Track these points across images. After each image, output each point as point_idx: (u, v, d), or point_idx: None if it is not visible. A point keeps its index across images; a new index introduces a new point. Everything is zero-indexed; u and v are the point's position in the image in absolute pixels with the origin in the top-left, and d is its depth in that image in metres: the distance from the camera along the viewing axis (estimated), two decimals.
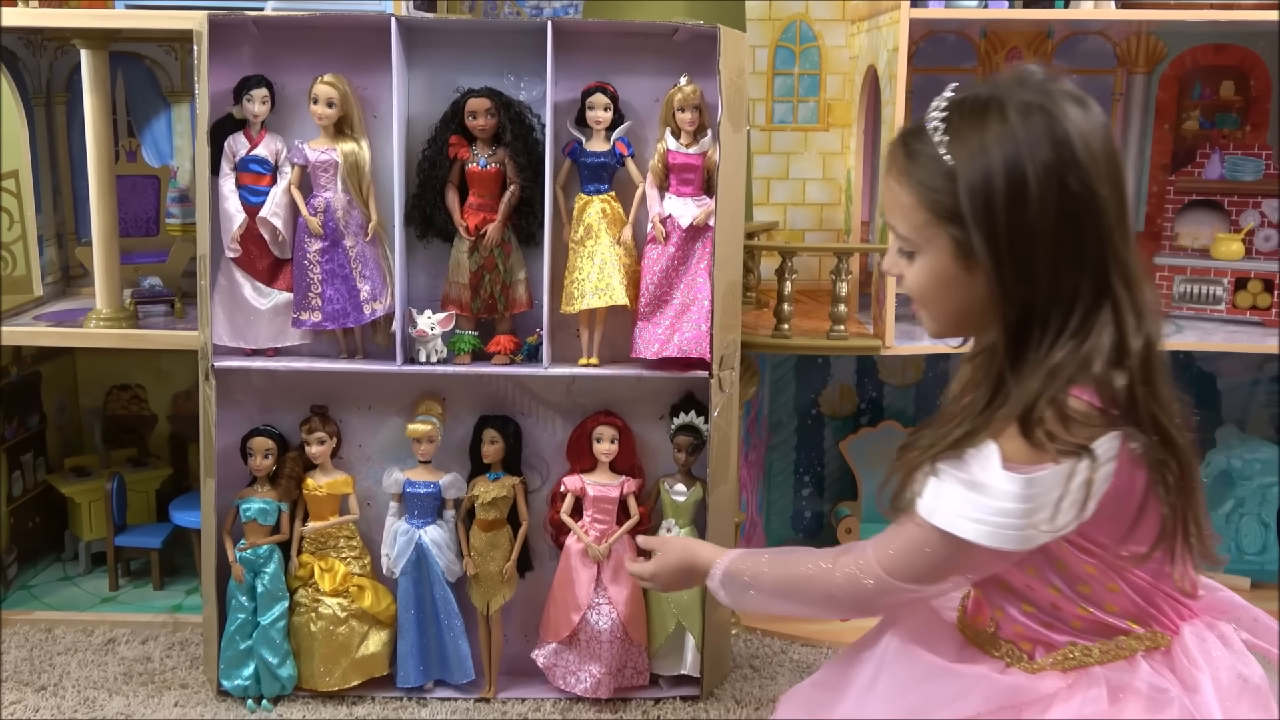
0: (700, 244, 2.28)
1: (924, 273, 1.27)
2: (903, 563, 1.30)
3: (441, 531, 2.31)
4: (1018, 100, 1.20)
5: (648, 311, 2.28)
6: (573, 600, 2.11)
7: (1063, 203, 1.19)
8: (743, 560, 1.48)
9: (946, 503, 1.24)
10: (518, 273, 2.32)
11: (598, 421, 2.13)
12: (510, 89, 2.30)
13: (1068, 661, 1.33)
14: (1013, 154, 1.18)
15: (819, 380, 3.03)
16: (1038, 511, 1.20)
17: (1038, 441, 1.19)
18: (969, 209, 1.19)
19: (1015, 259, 1.20)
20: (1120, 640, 1.32)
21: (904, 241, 1.28)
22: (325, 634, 2.31)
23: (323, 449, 2.32)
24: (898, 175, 1.27)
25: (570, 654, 2.14)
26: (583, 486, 2.09)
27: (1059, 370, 1.21)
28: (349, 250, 2.29)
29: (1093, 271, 1.22)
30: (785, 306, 2.54)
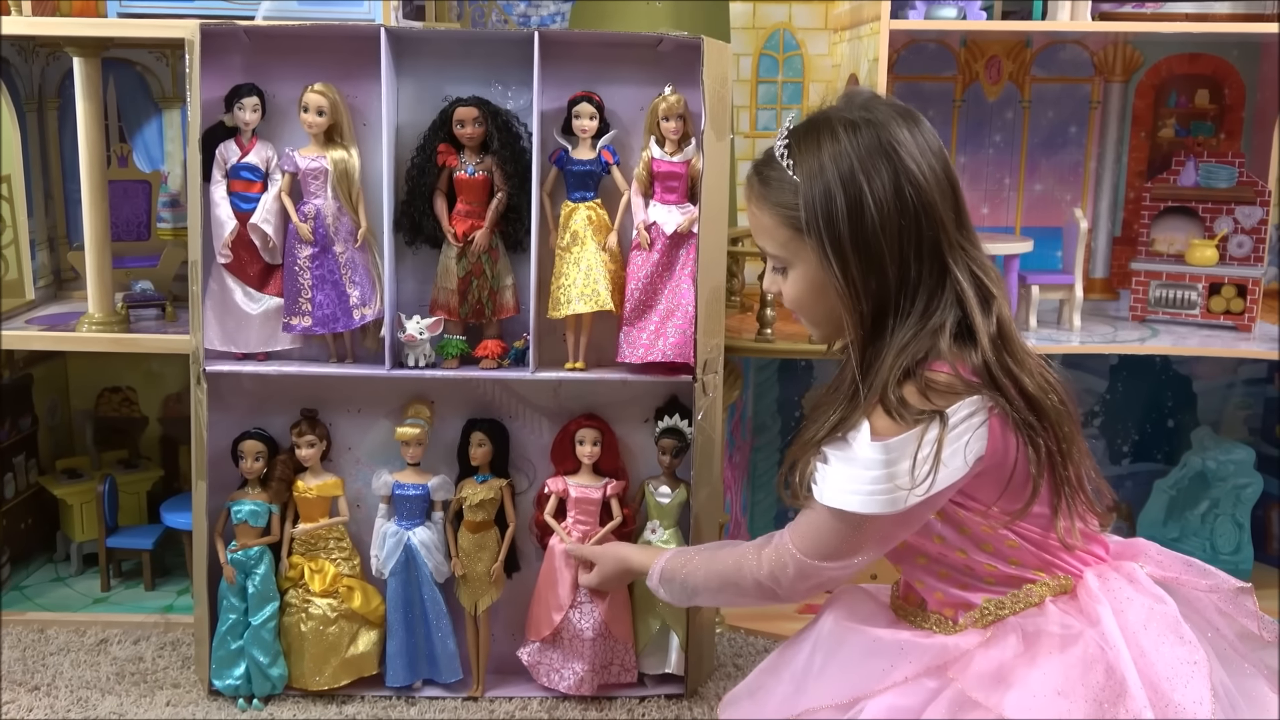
0: (684, 250, 2.31)
1: (798, 284, 1.43)
2: (813, 543, 1.44)
3: (430, 533, 2.34)
4: (847, 118, 1.38)
5: (633, 317, 2.31)
6: (555, 599, 2.14)
7: (896, 204, 1.34)
8: (676, 559, 1.67)
9: (831, 481, 1.39)
10: (505, 278, 2.35)
11: (580, 424, 2.16)
12: (498, 98, 2.34)
13: (984, 617, 1.45)
14: (846, 167, 1.35)
15: (802, 382, 3.07)
16: (898, 475, 1.34)
17: (894, 410, 1.35)
18: (809, 220, 1.36)
19: (859, 259, 1.35)
20: (1028, 589, 1.44)
21: (775, 260, 1.45)
22: (315, 634, 2.33)
23: (313, 452, 2.35)
24: (757, 201, 1.44)
25: (554, 652, 2.18)
26: (566, 488, 2.13)
27: (906, 346, 1.37)
28: (339, 256, 2.32)
29: (929, 260, 1.37)
30: (768, 311, 2.58)
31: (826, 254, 1.36)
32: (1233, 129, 2.97)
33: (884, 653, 1.44)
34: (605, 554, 1.85)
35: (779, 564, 1.48)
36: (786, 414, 3.09)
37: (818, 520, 1.44)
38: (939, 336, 1.38)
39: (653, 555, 1.71)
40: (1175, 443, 3.08)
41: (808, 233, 1.37)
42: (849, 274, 1.37)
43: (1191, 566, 1.50)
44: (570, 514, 2.12)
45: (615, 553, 1.85)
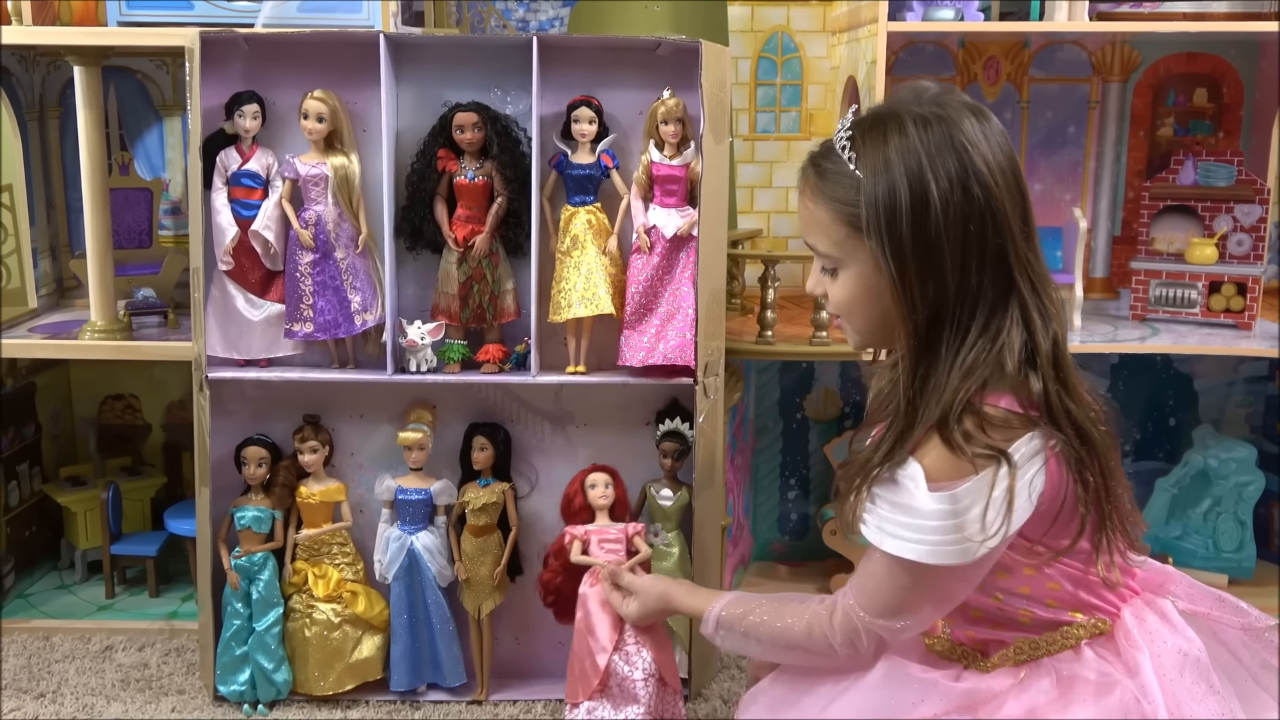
0: (684, 253, 2.31)
1: (848, 286, 1.34)
2: (878, 598, 1.34)
3: (433, 537, 2.34)
4: (916, 114, 1.28)
5: (633, 320, 2.31)
6: (596, 642, 1.92)
7: (964, 206, 1.25)
8: (735, 608, 1.52)
9: (887, 527, 1.29)
10: (505, 283, 2.36)
11: (586, 473, 2.07)
12: (497, 103, 2.34)
13: (1018, 656, 1.39)
14: (914, 164, 1.26)
15: (803, 384, 3.07)
16: (968, 525, 1.25)
17: (955, 445, 1.25)
18: (870, 218, 1.26)
19: (919, 263, 1.26)
20: (1065, 630, 1.38)
21: (825, 259, 1.35)
22: (319, 639, 2.33)
23: (315, 457, 2.35)
24: (812, 195, 1.34)
25: (603, 707, 1.94)
26: (586, 532, 1.99)
27: (973, 370, 1.27)
28: (340, 262, 2.33)
29: (994, 270, 1.28)
30: (768, 314, 2.58)
31: (885, 255, 1.26)
32: (1231, 127, 2.97)
33: (914, 686, 1.37)
34: (648, 587, 1.70)
35: (851, 630, 1.37)
36: (788, 416, 3.09)
37: (877, 572, 1.34)
38: (1006, 359, 1.27)
39: (704, 599, 1.57)
40: (1177, 441, 3.08)
41: (867, 232, 1.27)
42: (907, 278, 1.27)
43: (1224, 603, 1.45)
44: (598, 554, 1.99)
45: (659, 588, 1.69)
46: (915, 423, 1.27)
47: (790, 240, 3.14)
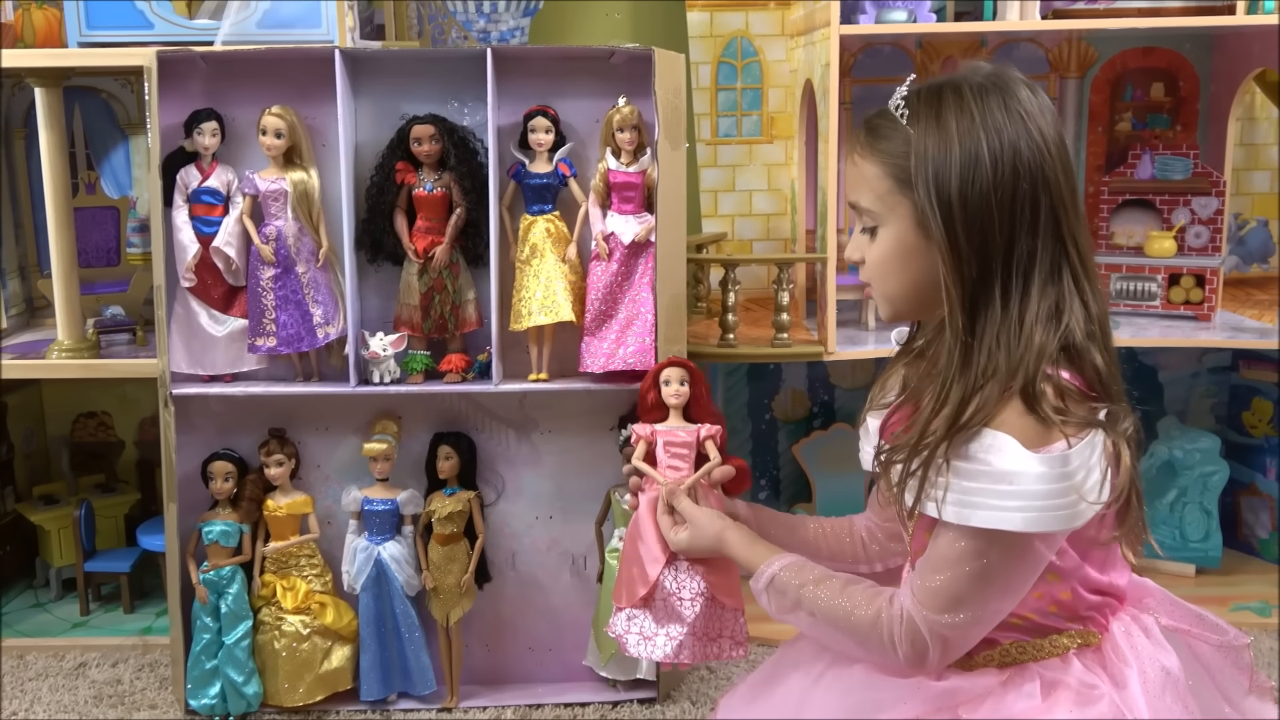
0: (643, 259, 2.33)
1: (887, 245, 1.31)
2: (947, 590, 1.26)
3: (400, 547, 2.35)
4: (973, 82, 1.28)
5: (594, 326, 2.32)
6: (649, 552, 1.68)
7: (1014, 165, 1.23)
8: (794, 572, 1.40)
9: (976, 499, 1.21)
10: (467, 293, 2.37)
11: (662, 367, 1.76)
12: (454, 115, 2.36)
13: (1004, 658, 1.35)
14: (968, 121, 1.25)
15: (771, 386, 3.09)
16: (1075, 488, 1.20)
17: (1046, 418, 1.20)
18: (918, 167, 1.25)
19: (965, 217, 1.23)
20: (1054, 639, 1.34)
21: (867, 215, 1.32)
22: (289, 651, 2.34)
23: (282, 470, 2.36)
24: (862, 149, 1.32)
25: (644, 618, 1.69)
26: (653, 433, 1.69)
27: (1045, 336, 1.22)
28: (301, 276, 2.34)
29: (1048, 236, 1.24)
30: (730, 316, 2.59)
31: (932, 205, 1.24)
32: (1188, 120, 3.00)
33: (893, 685, 1.32)
34: (706, 522, 1.49)
35: (916, 636, 1.28)
36: (757, 417, 3.12)
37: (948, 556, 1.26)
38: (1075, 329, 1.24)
39: (762, 552, 1.43)
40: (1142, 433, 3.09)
41: (915, 184, 1.25)
42: (953, 232, 1.23)
43: (1203, 620, 1.41)
44: (662, 461, 1.68)
45: (717, 526, 1.49)
46: (978, 384, 1.22)
47: (755, 243, 3.16)
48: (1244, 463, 3.04)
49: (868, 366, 3.09)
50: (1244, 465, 3.04)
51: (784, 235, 3.15)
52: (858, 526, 1.56)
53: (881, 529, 1.54)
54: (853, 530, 1.56)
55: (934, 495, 1.24)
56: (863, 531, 1.55)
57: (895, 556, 1.54)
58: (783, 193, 3.15)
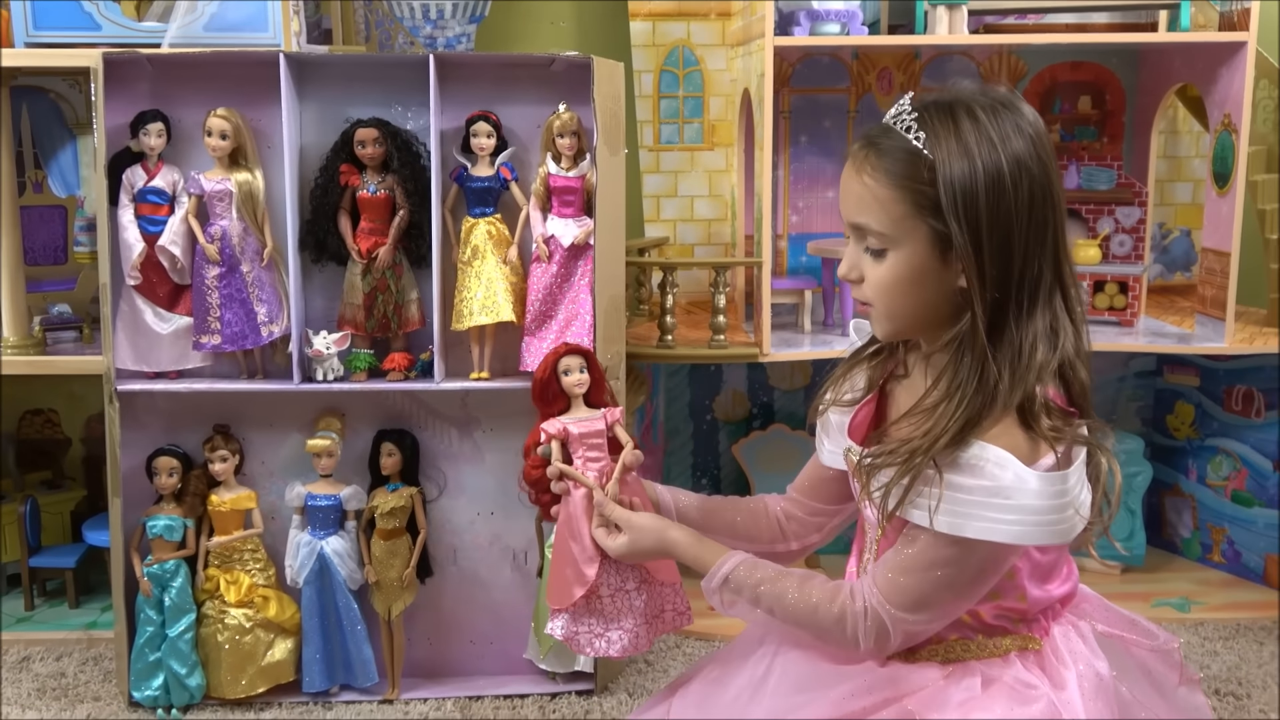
0: (582, 262, 2.37)
1: (898, 268, 1.28)
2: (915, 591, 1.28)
3: (343, 541, 2.38)
4: (983, 101, 1.26)
5: (534, 327, 2.37)
6: (583, 550, 1.59)
7: (1032, 191, 1.23)
8: (746, 571, 1.38)
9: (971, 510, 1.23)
10: (409, 293, 2.40)
11: (557, 355, 1.64)
12: (398, 119, 2.39)
13: (948, 654, 1.36)
14: (989, 145, 1.22)
15: (712, 387, 3.14)
16: (1072, 504, 1.22)
17: (1041, 435, 1.22)
18: (950, 199, 1.22)
19: (993, 242, 1.22)
20: (998, 640, 1.36)
21: (876, 239, 1.28)
22: (232, 644, 2.37)
23: (226, 466, 2.39)
24: (872, 173, 1.28)
25: (591, 618, 1.62)
26: (564, 428, 1.58)
27: (1045, 356, 1.24)
28: (246, 275, 2.37)
29: (1051, 257, 1.26)
30: (668, 319, 2.65)
31: (963, 233, 1.22)
32: (1115, 132, 3.09)
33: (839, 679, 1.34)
34: (645, 526, 1.43)
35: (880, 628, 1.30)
36: (698, 418, 3.17)
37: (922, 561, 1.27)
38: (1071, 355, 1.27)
39: (711, 551, 1.40)
40: None
41: (949, 213, 1.23)
42: (981, 257, 1.23)
43: (1136, 625, 1.46)
44: (577, 454, 1.58)
45: (658, 529, 1.43)
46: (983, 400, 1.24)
47: (696, 247, 3.21)
48: (1168, 464, 3.14)
49: (805, 369, 3.15)
50: (1168, 466, 3.14)
51: (725, 240, 3.20)
52: (772, 508, 1.56)
53: (801, 507, 1.55)
54: (768, 512, 1.56)
55: (923, 504, 1.25)
56: (779, 512, 1.55)
57: (811, 534, 1.55)
58: (723, 198, 3.21)
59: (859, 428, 1.39)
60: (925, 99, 1.29)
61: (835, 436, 1.44)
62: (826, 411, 1.45)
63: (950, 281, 1.26)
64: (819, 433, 1.48)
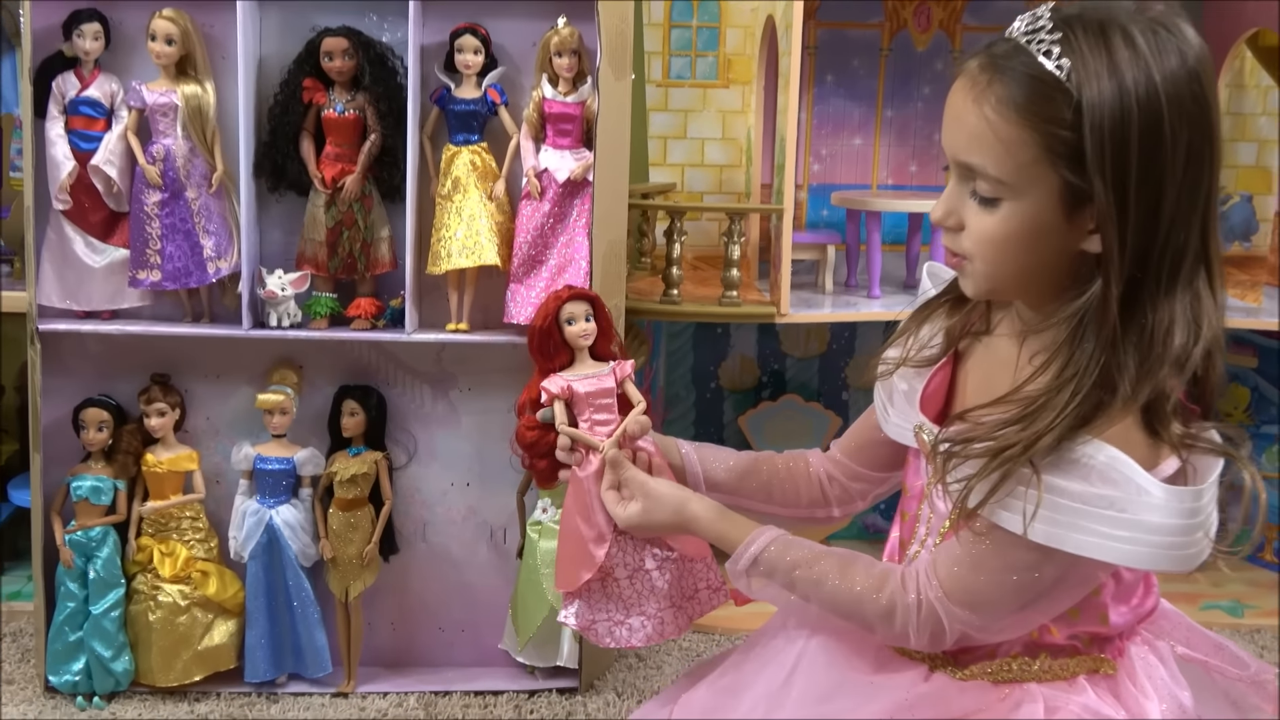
0: (579, 200, 2.16)
1: (1016, 221, 1.09)
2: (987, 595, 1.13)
3: (296, 512, 2.20)
4: (1142, 20, 1.05)
5: (521, 273, 2.16)
6: (592, 530, 1.44)
7: (1191, 142, 1.04)
8: (782, 550, 1.23)
9: (1080, 522, 1.05)
10: (379, 229, 2.19)
11: (559, 301, 1.46)
12: (372, 29, 2.17)
13: (1003, 673, 1.21)
14: (1146, 84, 1.02)
15: (718, 351, 2.93)
16: (1204, 524, 1.05)
17: (1172, 442, 1.07)
18: (1097, 148, 1.03)
19: (1141, 209, 1.04)
20: (1064, 661, 1.20)
21: (989, 185, 1.09)
22: (165, 624, 2.16)
23: (164, 421, 2.18)
24: (996, 105, 1.07)
25: (609, 603, 1.47)
26: (568, 386, 1.41)
27: (1184, 350, 1.06)
28: (191, 203, 2.15)
29: (1200, 224, 1.08)
30: (674, 270, 2.40)
31: (1108, 188, 1.04)
32: None
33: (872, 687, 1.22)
34: (663, 496, 1.29)
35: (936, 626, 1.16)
36: (702, 385, 2.94)
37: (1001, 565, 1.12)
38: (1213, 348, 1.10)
39: (739, 527, 1.26)
40: None
41: (1093, 165, 1.04)
42: (1126, 218, 1.05)
43: (1224, 651, 1.31)
44: (583, 416, 1.41)
45: (677, 501, 1.29)
46: (1102, 389, 1.06)
47: (706, 196, 2.98)
48: None
49: (823, 334, 2.91)
50: None
51: (738, 189, 2.99)
52: (815, 467, 1.40)
53: (844, 471, 1.39)
54: (810, 471, 1.40)
55: (1015, 506, 1.06)
56: (821, 473, 1.40)
57: (855, 501, 1.42)
58: (738, 142, 2.97)
59: (933, 399, 1.22)
60: (1066, 12, 1.07)
61: (902, 406, 1.25)
62: (890, 372, 1.27)
63: (1073, 243, 1.08)
64: (880, 397, 1.30)
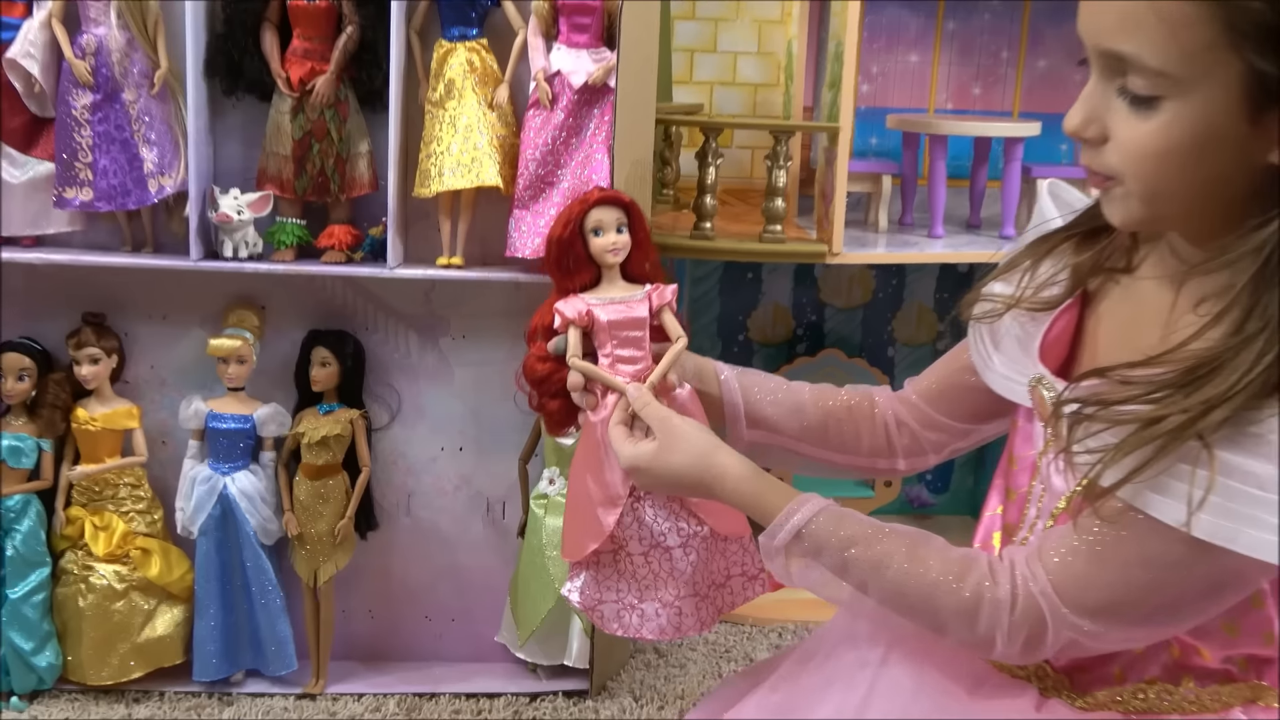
0: (598, 110, 1.92)
1: (1177, 127, 0.90)
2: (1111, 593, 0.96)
3: (255, 479, 2.00)
4: None
5: (528, 197, 1.93)
6: (604, 492, 1.25)
7: None
8: (832, 522, 1.04)
9: (1257, 514, 0.86)
10: (357, 143, 1.97)
11: (585, 206, 1.25)
12: None
13: (1136, 702, 1.04)
14: None
15: (748, 299, 2.66)
16: None
17: None
18: None
19: None
20: (1215, 689, 1.03)
21: (1146, 79, 0.91)
22: (99, 611, 1.97)
23: (97, 370, 1.96)
24: None
25: (620, 581, 1.27)
26: (588, 311, 1.20)
27: None
28: (129, 106, 1.92)
29: None
30: (707, 199, 2.09)
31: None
32: None
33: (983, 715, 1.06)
34: (685, 432, 1.10)
35: (1038, 626, 0.98)
36: (729, 338, 2.68)
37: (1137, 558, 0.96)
38: None
39: (777, 492, 1.06)
40: None
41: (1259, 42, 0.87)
42: None
43: None
44: (605, 350, 1.21)
45: (702, 439, 1.10)
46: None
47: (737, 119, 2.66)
48: None
49: (867, 281, 2.63)
50: None
51: (775, 113, 2.71)
52: (882, 408, 1.25)
53: (919, 416, 1.24)
54: (875, 414, 1.25)
55: (1174, 490, 0.89)
56: (889, 416, 1.24)
57: (926, 453, 1.27)
58: (775, 57, 2.69)
59: (1053, 348, 1.05)
60: None
61: (1013, 354, 1.09)
62: (1004, 314, 1.10)
63: (1257, 154, 0.89)
64: (980, 339, 1.13)
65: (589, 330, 1.17)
